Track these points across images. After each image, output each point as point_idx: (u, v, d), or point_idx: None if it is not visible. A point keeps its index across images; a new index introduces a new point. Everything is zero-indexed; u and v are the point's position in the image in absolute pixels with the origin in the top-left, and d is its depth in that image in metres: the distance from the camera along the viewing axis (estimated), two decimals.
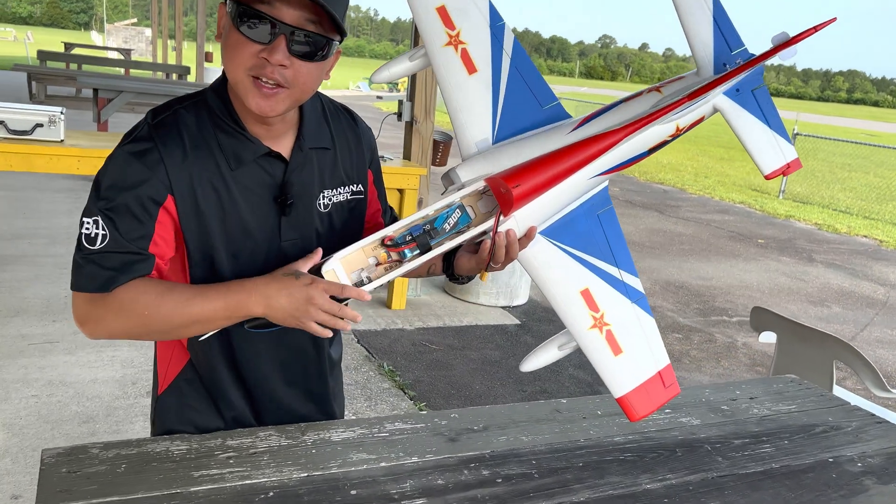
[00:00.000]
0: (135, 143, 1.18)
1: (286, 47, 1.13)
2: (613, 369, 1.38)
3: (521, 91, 1.43)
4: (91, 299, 1.18)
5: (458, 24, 1.42)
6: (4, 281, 4.51)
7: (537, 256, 1.39)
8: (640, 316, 1.41)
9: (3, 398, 3.16)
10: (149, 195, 1.17)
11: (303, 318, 1.15)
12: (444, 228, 1.29)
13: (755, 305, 2.90)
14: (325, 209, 1.35)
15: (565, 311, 1.39)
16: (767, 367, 4.69)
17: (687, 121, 1.43)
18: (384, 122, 5.38)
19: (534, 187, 1.29)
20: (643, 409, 1.38)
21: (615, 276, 1.41)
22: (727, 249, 8.19)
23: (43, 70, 11.11)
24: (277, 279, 1.17)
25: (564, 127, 1.40)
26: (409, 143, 5.15)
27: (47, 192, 6.91)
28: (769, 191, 13.33)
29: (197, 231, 1.22)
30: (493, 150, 1.37)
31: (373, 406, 3.50)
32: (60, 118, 3.91)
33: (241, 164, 1.23)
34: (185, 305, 1.16)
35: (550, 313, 5.23)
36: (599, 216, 1.42)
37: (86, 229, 1.16)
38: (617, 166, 1.41)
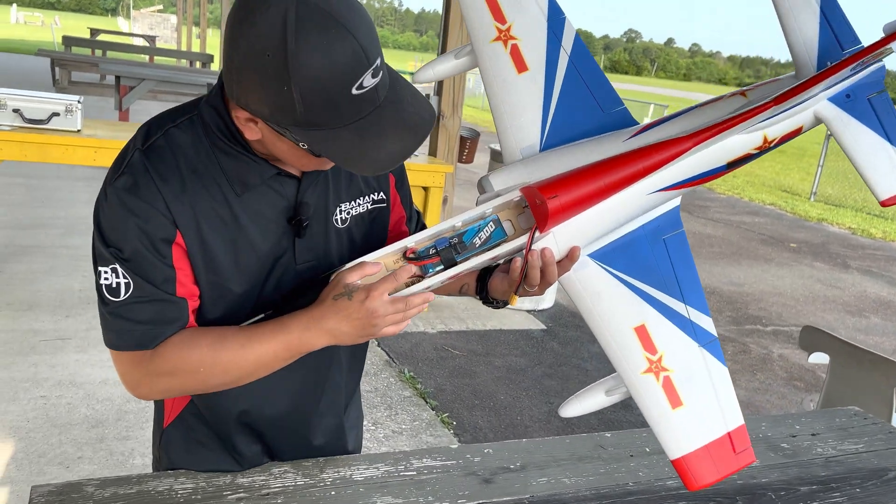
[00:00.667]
0: (125, 176, 1.02)
1: None
2: (670, 425, 1.17)
3: (578, 93, 1.24)
4: (135, 361, 1.06)
5: (510, 18, 1.24)
6: (18, 273, 4.41)
7: (584, 283, 1.20)
8: (709, 363, 1.19)
9: (11, 398, 3.05)
10: (159, 235, 1.02)
11: (373, 334, 1.05)
12: (473, 243, 1.12)
13: (806, 324, 2.71)
14: (343, 224, 1.19)
15: (615, 350, 1.19)
16: (806, 382, 4.49)
17: (778, 131, 1.22)
18: None
19: (576, 200, 1.11)
20: (704, 477, 1.16)
21: (680, 312, 1.20)
22: (759, 253, 7.94)
23: (66, 56, 11.07)
24: (332, 307, 1.03)
25: (622, 133, 1.21)
26: (435, 139, 4.98)
27: (67, 180, 6.83)
28: (800, 192, 13.01)
29: (204, 266, 1.07)
30: (537, 157, 1.19)
31: (393, 416, 3.35)
32: (78, 107, 3.78)
33: (247, 188, 1.07)
34: (242, 353, 1.05)
35: (578, 318, 5.04)
36: (665, 241, 1.22)
37: (104, 279, 1.03)
38: (685, 181, 1.21)
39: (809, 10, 1.22)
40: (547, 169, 1.17)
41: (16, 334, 3.62)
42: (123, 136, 3.87)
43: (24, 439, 2.78)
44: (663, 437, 1.17)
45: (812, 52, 1.23)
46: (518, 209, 1.16)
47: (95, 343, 3.63)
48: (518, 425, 3.47)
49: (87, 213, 5.76)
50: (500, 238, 1.13)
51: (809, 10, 1.22)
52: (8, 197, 5.95)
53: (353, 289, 1.03)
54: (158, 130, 1.06)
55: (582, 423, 3.55)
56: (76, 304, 4.06)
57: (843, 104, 1.23)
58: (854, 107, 1.23)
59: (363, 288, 1.03)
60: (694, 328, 1.20)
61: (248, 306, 1.13)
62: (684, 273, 1.21)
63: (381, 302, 1.02)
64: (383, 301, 1.02)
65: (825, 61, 1.21)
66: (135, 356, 1.06)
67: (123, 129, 4.09)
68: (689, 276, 1.21)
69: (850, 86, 1.23)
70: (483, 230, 1.13)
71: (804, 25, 1.23)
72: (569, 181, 1.12)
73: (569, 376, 4.08)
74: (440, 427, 3.31)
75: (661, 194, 1.20)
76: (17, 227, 5.28)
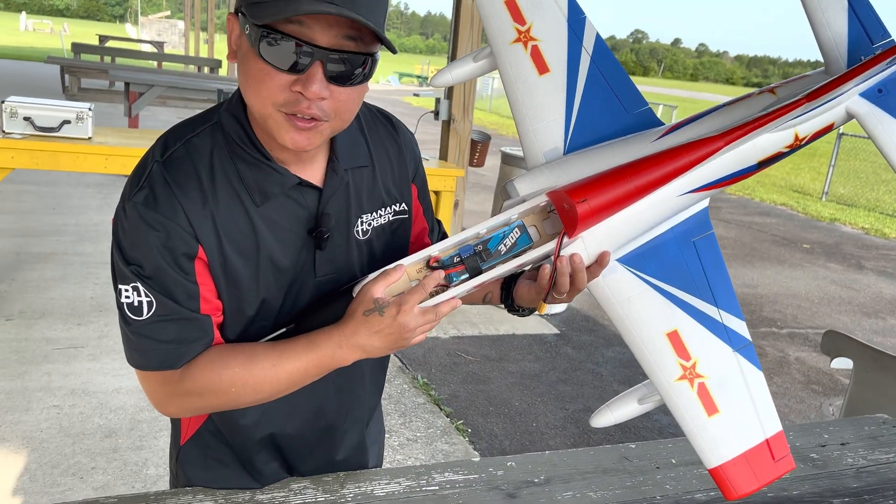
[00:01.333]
0: (144, 190, 0.99)
1: (323, 75, 0.92)
2: (707, 433, 1.13)
3: (601, 94, 1.21)
4: (162, 380, 1.04)
5: (530, 18, 1.21)
6: (31, 280, 4.41)
7: (613, 288, 1.16)
8: (744, 368, 1.16)
9: (24, 408, 3.03)
10: (181, 251, 0.99)
11: (404, 346, 1.04)
12: (499, 250, 1.09)
13: (828, 329, 2.66)
14: (364, 236, 1.16)
15: (647, 357, 1.16)
16: (824, 386, 4.43)
17: (809, 128, 1.18)
18: (420, 120, 5.20)
19: (605, 204, 1.08)
20: (744, 486, 1.13)
21: (713, 316, 1.16)
22: (772, 254, 7.87)
23: (76, 63, 11.11)
24: (363, 323, 1.01)
25: (650, 134, 1.18)
26: (445, 142, 4.95)
27: (77, 186, 6.84)
28: (811, 192, 12.92)
29: (224, 278, 1.04)
30: (562, 161, 1.16)
31: (407, 423, 3.32)
32: (88, 115, 3.77)
33: (267, 198, 1.04)
34: (273, 372, 1.04)
35: (591, 322, 5.00)
36: (695, 243, 1.19)
37: (126, 298, 1.00)
38: (716, 182, 1.17)
39: (838, 4, 1.19)
40: (573, 172, 1.14)
41: (29, 343, 3.61)
42: (134, 143, 3.86)
43: (38, 450, 2.77)
44: (699, 445, 1.14)
45: (842, 46, 1.19)
46: (543, 214, 1.13)
47: (108, 351, 3.61)
48: (534, 432, 3.43)
49: (99, 220, 5.76)
50: (526, 244, 1.10)
51: (838, 4, 1.19)
52: (19, 204, 5.96)
53: (385, 304, 1.01)
54: (178, 141, 1.04)
55: (599, 429, 3.51)
56: (88, 312, 4.05)
57: (875, 99, 1.19)
58: (887, 102, 1.19)
59: (394, 302, 1.00)
60: (728, 332, 1.17)
61: (268, 318, 1.10)
62: (715, 276, 1.18)
63: (412, 315, 1.00)
64: (414, 314, 1.00)
65: (855, 55, 1.18)
66: (161, 376, 1.04)
67: (134, 137, 4.08)
68: (720, 278, 1.18)
69: (882, 80, 1.18)
70: (508, 237, 1.10)
71: (832, 20, 1.19)
72: (598, 184, 1.09)
73: (584, 382, 4.04)
74: (455, 434, 3.27)
75: (692, 196, 1.17)
76: (29, 234, 5.28)
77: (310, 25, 0.90)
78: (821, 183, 13.19)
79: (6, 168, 3.60)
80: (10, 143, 3.55)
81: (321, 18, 0.90)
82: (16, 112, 3.64)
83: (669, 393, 1.15)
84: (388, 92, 26.68)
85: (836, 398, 4.25)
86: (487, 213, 7.49)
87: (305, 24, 0.90)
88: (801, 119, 1.16)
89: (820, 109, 1.16)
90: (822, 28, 1.20)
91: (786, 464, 1.15)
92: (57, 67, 12.54)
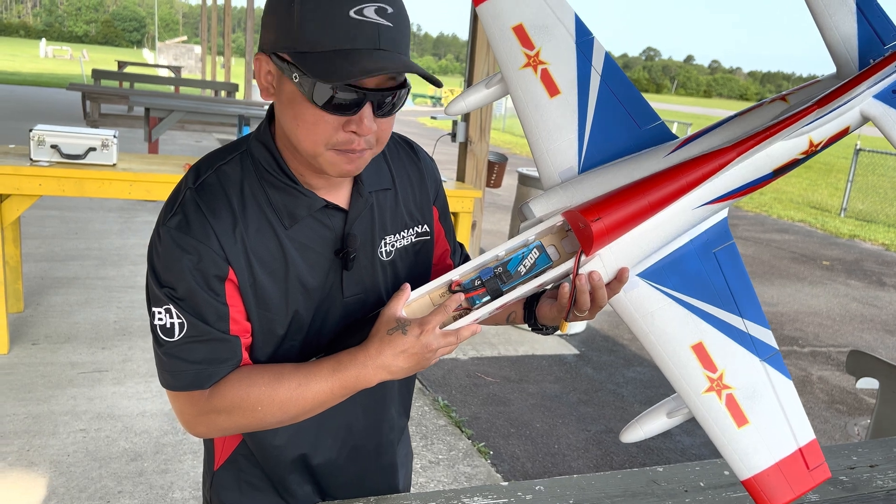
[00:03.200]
0: (178, 216, 1.03)
1: (372, 114, 0.98)
2: (738, 445, 1.12)
3: (613, 112, 1.23)
4: (192, 400, 1.07)
5: (538, 43, 1.24)
6: (56, 305, 4.47)
7: (635, 304, 1.16)
8: (773, 377, 1.15)
9: (51, 432, 3.07)
10: (212, 273, 1.02)
11: (426, 365, 1.07)
12: (518, 272, 1.11)
13: (852, 349, 2.64)
14: (388, 257, 1.19)
15: (673, 370, 1.15)
16: (849, 406, 4.38)
17: (824, 133, 1.17)
18: (438, 142, 5.24)
19: (620, 221, 1.09)
20: (779, 497, 1.11)
21: (738, 327, 1.16)
22: (791, 272, 7.82)
23: (96, 89, 11.30)
24: (387, 342, 1.04)
25: (663, 148, 1.19)
26: (463, 164, 4.99)
27: (100, 211, 6.93)
28: (829, 208, 12.82)
29: (254, 300, 1.07)
30: (576, 180, 1.17)
31: (429, 446, 3.32)
32: (113, 142, 3.84)
33: (295, 221, 1.08)
34: (299, 392, 1.06)
35: (611, 342, 4.99)
36: (716, 254, 1.19)
37: (159, 320, 1.04)
38: (733, 192, 1.17)
39: (845, 7, 1.18)
40: (587, 191, 1.15)
41: (54, 367, 3.65)
42: (156, 168, 3.92)
43: (65, 473, 2.79)
44: (731, 457, 1.13)
45: (852, 49, 1.18)
46: (561, 234, 1.14)
47: (132, 375, 3.65)
48: (556, 454, 3.41)
49: (120, 244, 5.84)
50: (545, 264, 1.12)
51: (845, 7, 1.18)
52: (42, 229, 6.05)
53: (407, 323, 1.04)
54: (209, 169, 1.08)
55: (621, 451, 3.49)
56: (112, 336, 4.10)
57: (890, 100, 1.18)
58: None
59: (416, 323, 1.03)
60: (754, 342, 1.16)
61: (297, 339, 1.13)
62: (739, 286, 1.17)
63: (434, 335, 1.03)
64: (437, 334, 1.03)
65: (866, 58, 1.17)
66: (191, 396, 1.06)
67: (157, 162, 4.14)
68: (743, 288, 1.18)
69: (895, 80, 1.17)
70: (527, 257, 1.12)
71: (841, 23, 1.19)
72: (612, 202, 1.10)
73: (605, 402, 4.02)
74: (477, 457, 3.27)
75: (708, 207, 1.17)
76: (53, 259, 5.36)
77: None
78: (839, 199, 13.10)
79: (34, 195, 3.67)
80: (38, 170, 3.62)
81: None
82: (43, 140, 3.72)
83: (698, 406, 1.14)
84: (402, 113, 26.87)
85: (862, 418, 4.20)
86: (505, 233, 7.50)
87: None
88: (814, 125, 1.15)
89: (834, 114, 1.15)
90: (830, 32, 1.19)
91: (821, 472, 1.13)
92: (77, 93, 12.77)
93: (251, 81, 14.90)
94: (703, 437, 3.53)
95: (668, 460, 3.39)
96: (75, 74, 25.87)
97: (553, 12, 1.25)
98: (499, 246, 1.13)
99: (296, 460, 1.24)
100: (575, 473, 3.22)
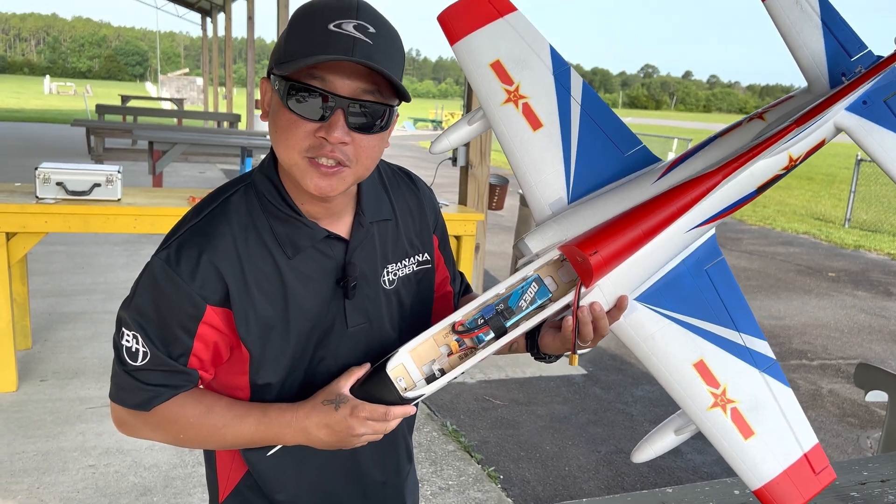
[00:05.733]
0: (169, 249, 1.07)
1: (344, 122, 1.00)
2: (746, 456, 1.15)
3: (596, 139, 1.26)
4: (132, 413, 1.12)
5: (517, 78, 1.27)
6: (63, 340, 4.48)
7: (635, 327, 1.19)
8: (773, 387, 1.18)
9: (61, 469, 3.07)
10: (187, 311, 1.06)
11: (344, 446, 1.11)
12: (520, 307, 1.12)
13: (860, 362, 2.63)
14: (391, 286, 1.21)
15: (678, 389, 1.18)
16: (860, 419, 4.35)
17: (802, 148, 1.21)
18: (439, 167, 5.28)
19: (616, 252, 1.11)
20: (790, 503, 1.14)
21: (735, 341, 1.19)
22: (797, 284, 7.79)
23: (100, 124, 11.42)
24: (317, 411, 1.08)
25: (650, 175, 1.22)
26: (464, 188, 5.02)
27: (105, 245, 6.97)
28: (833, 219, 12.81)
29: (258, 334, 1.10)
30: (568, 213, 1.20)
31: (438, 471, 3.30)
32: (118, 177, 3.88)
33: (298, 251, 1.10)
34: (221, 430, 1.11)
35: (619, 361, 4.97)
36: (708, 271, 1.22)
37: (126, 341, 1.09)
38: (720, 213, 1.21)
39: (811, 23, 1.22)
40: (581, 223, 1.17)
41: (63, 403, 3.66)
42: (160, 202, 3.96)
43: None
44: (740, 468, 1.15)
45: (821, 64, 1.23)
46: (557, 264, 1.16)
47: None
48: (567, 476, 3.39)
49: (126, 278, 5.86)
50: (545, 297, 1.13)
51: (811, 23, 1.22)
52: (49, 265, 6.09)
53: (343, 400, 1.06)
54: (213, 201, 1.12)
55: (632, 471, 3.47)
56: None
57: (861, 111, 1.21)
58: (873, 112, 1.21)
59: (349, 404, 1.06)
60: (752, 354, 1.18)
61: (300, 368, 1.15)
62: (732, 300, 1.20)
63: (361, 422, 1.05)
64: (363, 422, 1.05)
65: (836, 71, 1.21)
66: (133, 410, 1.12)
67: (160, 196, 4.18)
68: (736, 302, 1.20)
69: (865, 92, 1.20)
70: (527, 292, 1.13)
71: (808, 40, 1.23)
72: (606, 233, 1.12)
73: (614, 423, 4.00)
74: (487, 482, 3.25)
75: (699, 229, 1.20)
76: (60, 294, 5.38)
77: (332, 80, 0.99)
78: (842, 210, 13.09)
79: (40, 232, 3.70)
80: (44, 207, 3.66)
81: (341, 72, 0.98)
82: (48, 178, 3.76)
83: (704, 422, 1.17)
84: (403, 137, 27.03)
85: (874, 431, 4.16)
86: (509, 254, 7.50)
87: (328, 78, 0.99)
88: (793, 141, 1.19)
89: (810, 129, 1.19)
90: (799, 49, 1.23)
91: (826, 475, 1.16)
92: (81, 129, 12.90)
93: (253, 112, 15.03)
94: (715, 455, 3.51)
95: (680, 479, 3.37)
96: (79, 110, 26.14)
97: (529, 46, 1.28)
98: (499, 284, 1.15)
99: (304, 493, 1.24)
100: (586, 496, 3.20)
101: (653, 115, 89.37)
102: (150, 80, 70.17)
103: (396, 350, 1.09)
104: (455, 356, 1.11)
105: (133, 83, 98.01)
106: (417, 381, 1.09)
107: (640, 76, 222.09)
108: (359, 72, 0.99)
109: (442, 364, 1.11)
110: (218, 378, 1.17)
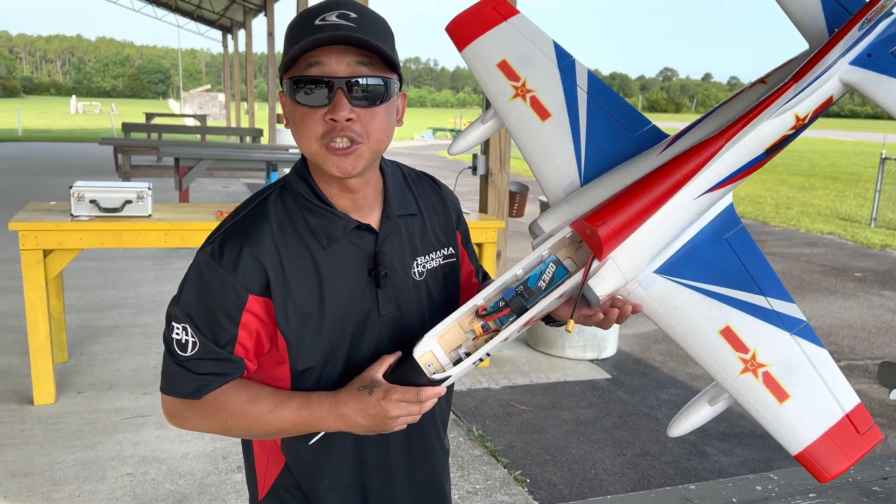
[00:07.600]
0: (213, 244, 1.16)
1: (347, 100, 1.09)
2: (783, 420, 1.12)
3: (604, 123, 1.30)
4: (184, 402, 1.19)
5: (523, 74, 1.33)
6: (98, 354, 4.61)
7: (657, 300, 1.20)
8: (806, 348, 1.15)
9: (99, 478, 3.16)
10: (231, 301, 1.14)
11: (383, 430, 1.15)
12: (539, 287, 1.17)
13: (883, 360, 2.64)
14: (421, 277, 1.29)
15: (706, 358, 1.17)
16: (889, 419, 4.32)
17: (808, 106, 1.20)
18: (460, 175, 5.34)
19: (624, 223, 1.14)
20: (834, 466, 1.10)
21: (762, 305, 1.17)
22: (822, 285, 7.74)
23: (127, 142, 11.66)
24: (354, 396, 1.14)
25: (655, 148, 1.25)
26: (485, 196, 5.08)
27: (134, 260, 7.13)
28: (859, 219, 12.66)
29: (297, 325, 1.17)
30: (578, 192, 1.24)
31: (465, 476, 3.35)
32: (148, 193, 4.00)
33: (332, 241, 1.19)
34: (266, 417, 1.17)
35: (643, 365, 4.99)
36: (728, 240, 1.22)
37: (176, 334, 1.17)
38: (729, 177, 1.21)
39: None
40: (590, 200, 1.21)
41: (99, 414, 3.77)
42: (189, 217, 4.07)
43: None
44: (778, 433, 1.13)
45: (820, 24, 1.23)
46: (575, 245, 1.20)
47: None
48: (593, 479, 3.43)
49: (156, 292, 6.00)
50: (564, 276, 1.17)
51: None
52: (81, 280, 6.24)
53: (376, 385, 1.12)
54: (251, 203, 1.21)
55: (658, 473, 3.49)
56: (153, 381, 4.21)
57: (866, 64, 1.20)
58: (879, 63, 1.20)
59: (383, 388, 1.11)
60: (781, 318, 1.17)
61: (339, 355, 1.21)
62: (755, 267, 1.20)
63: (395, 404, 1.11)
64: (397, 404, 1.11)
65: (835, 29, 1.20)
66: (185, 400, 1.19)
67: (189, 211, 4.29)
68: (761, 268, 1.20)
69: (868, 45, 1.20)
70: (545, 272, 1.18)
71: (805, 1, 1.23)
72: (613, 205, 1.15)
73: (639, 426, 4.02)
74: (514, 485, 3.30)
75: (709, 196, 1.21)
76: (93, 309, 5.52)
77: (326, 63, 1.09)
78: (868, 209, 12.93)
79: (75, 249, 3.82)
80: (79, 224, 3.78)
81: (334, 54, 1.08)
82: (82, 196, 3.88)
83: (736, 388, 1.15)
84: (423, 147, 27.16)
85: None
86: None
87: (323, 62, 1.09)
88: (796, 100, 1.18)
89: (813, 86, 1.18)
90: (797, 13, 1.24)
91: (872, 435, 1.11)
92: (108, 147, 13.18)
93: (275, 126, 15.23)
94: (741, 456, 3.52)
95: (705, 480, 3.38)
96: (105, 128, 26.63)
97: (532, 43, 1.34)
98: (516, 265, 1.19)
99: (341, 493, 1.29)
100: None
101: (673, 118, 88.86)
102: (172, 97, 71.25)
103: (424, 335, 1.15)
104: (480, 339, 1.16)
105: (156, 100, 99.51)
106: (445, 365, 1.14)
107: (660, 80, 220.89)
108: (349, 50, 1.09)
109: (468, 348, 1.16)
110: (261, 369, 1.24)
